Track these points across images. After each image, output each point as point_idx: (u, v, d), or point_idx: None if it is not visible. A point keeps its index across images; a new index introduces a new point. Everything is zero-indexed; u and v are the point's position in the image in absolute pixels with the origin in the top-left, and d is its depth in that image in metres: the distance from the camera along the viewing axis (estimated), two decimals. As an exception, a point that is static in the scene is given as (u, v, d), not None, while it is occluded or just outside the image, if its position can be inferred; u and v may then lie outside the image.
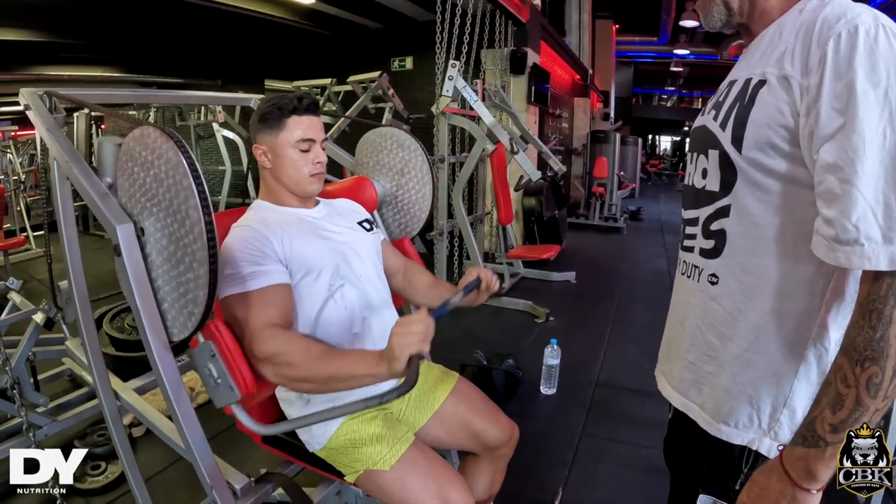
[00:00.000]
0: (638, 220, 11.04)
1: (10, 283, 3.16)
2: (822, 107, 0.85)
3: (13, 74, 8.66)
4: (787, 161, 0.94)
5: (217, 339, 1.26)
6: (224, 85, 10.71)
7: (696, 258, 1.13)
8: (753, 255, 1.01)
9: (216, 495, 1.42)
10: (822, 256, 0.88)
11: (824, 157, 0.85)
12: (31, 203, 8.91)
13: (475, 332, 4.67)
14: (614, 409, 3.39)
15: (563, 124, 10.88)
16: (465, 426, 1.80)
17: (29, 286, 4.09)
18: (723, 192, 1.04)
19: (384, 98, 6.32)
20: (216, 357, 1.26)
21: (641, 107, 26.66)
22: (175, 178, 1.21)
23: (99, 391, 1.70)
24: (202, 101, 6.88)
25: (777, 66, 0.94)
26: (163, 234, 1.28)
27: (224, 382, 1.22)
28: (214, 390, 1.28)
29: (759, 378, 1.04)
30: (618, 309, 5.35)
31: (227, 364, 1.25)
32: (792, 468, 0.90)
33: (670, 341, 1.28)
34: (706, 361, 1.13)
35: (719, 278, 1.07)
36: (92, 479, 2.56)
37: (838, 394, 0.85)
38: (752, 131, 0.96)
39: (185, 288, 1.25)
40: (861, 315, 0.84)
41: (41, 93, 1.60)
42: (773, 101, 0.93)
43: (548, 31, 8.67)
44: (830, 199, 0.85)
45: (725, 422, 1.09)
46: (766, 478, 0.95)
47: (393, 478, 1.52)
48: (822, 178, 0.86)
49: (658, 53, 20.09)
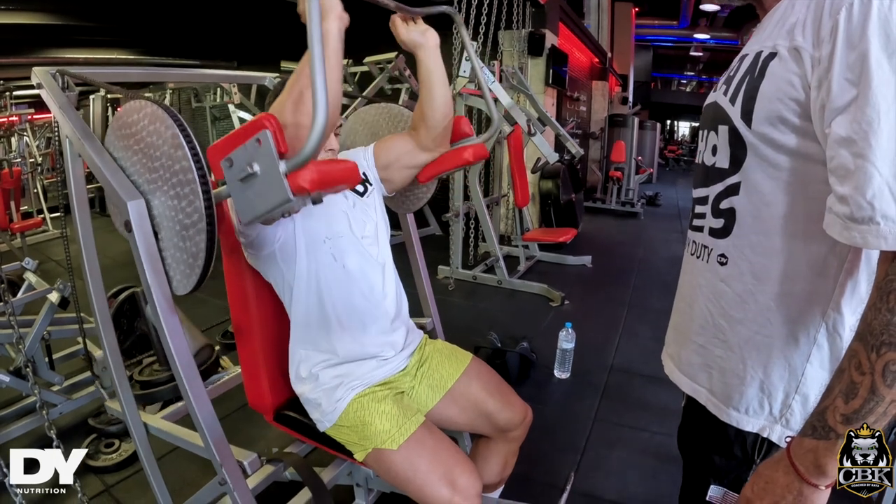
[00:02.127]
0: (655, 205, 10.94)
1: (26, 263, 3.18)
2: (834, 78, 0.81)
3: (29, 58, 8.69)
4: (798, 136, 0.90)
5: (217, 146, 1.09)
6: (240, 66, 10.71)
7: (705, 238, 1.10)
8: (764, 235, 0.98)
9: (225, 472, 1.42)
10: (835, 236, 0.83)
11: (837, 130, 0.81)
12: (47, 185, 8.98)
13: (489, 315, 4.68)
14: (628, 395, 3.37)
15: (580, 107, 10.80)
16: (477, 407, 1.79)
17: (45, 267, 4.12)
18: (732, 168, 1.00)
19: (400, 79, 6.29)
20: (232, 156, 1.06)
21: (660, 91, 26.41)
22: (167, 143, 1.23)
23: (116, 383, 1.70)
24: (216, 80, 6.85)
25: (788, 37, 0.89)
26: (165, 202, 1.29)
27: (255, 154, 1.02)
28: (263, 186, 1.04)
29: (770, 362, 1.01)
30: (633, 294, 5.32)
31: (236, 138, 1.05)
32: (800, 461, 0.85)
33: (678, 324, 1.24)
34: (715, 345, 1.10)
35: (728, 259, 1.04)
36: (105, 457, 2.60)
37: (852, 382, 0.79)
38: (761, 105, 0.93)
39: (188, 242, 1.26)
40: (879, 297, 0.79)
41: (53, 71, 1.59)
42: (784, 73, 0.89)
43: (566, 12, 8.58)
44: (844, 174, 0.80)
45: (735, 407, 1.06)
46: (772, 470, 0.90)
47: (401, 458, 1.52)
48: (834, 152, 0.82)
49: (678, 37, 19.87)
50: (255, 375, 1.76)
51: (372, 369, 1.68)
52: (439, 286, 5.21)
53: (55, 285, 2.74)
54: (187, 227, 1.25)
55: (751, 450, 1.06)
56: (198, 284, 1.28)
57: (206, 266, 1.25)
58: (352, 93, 7.02)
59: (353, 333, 1.65)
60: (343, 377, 1.62)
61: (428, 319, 2.19)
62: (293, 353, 1.69)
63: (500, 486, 1.95)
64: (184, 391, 1.37)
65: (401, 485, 1.55)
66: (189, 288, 1.31)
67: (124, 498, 2.39)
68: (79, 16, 7.85)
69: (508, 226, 6.72)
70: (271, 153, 0.98)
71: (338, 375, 1.62)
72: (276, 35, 9.50)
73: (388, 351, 1.72)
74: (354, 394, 1.61)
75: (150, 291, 1.30)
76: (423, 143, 1.74)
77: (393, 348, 1.74)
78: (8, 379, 2.49)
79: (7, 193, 6.25)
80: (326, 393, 1.62)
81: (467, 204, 5.39)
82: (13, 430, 2.56)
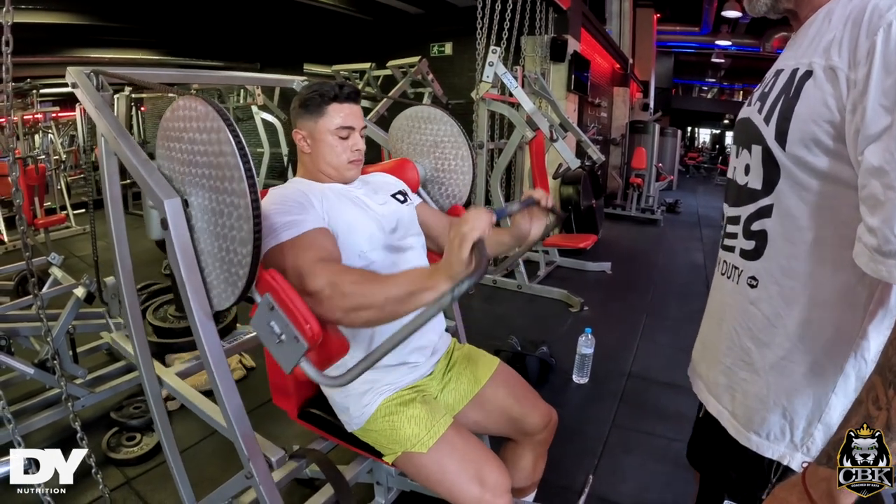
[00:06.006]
0: (675, 212, 10.85)
1: (52, 258, 3.23)
2: (869, 104, 0.78)
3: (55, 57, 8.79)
4: (832, 158, 0.87)
5: (273, 287, 1.20)
6: (263, 68, 10.77)
7: (736, 259, 1.09)
8: (795, 259, 0.96)
9: (252, 466, 1.44)
10: (863, 267, 0.82)
11: (869, 159, 0.79)
12: (71, 182, 9.08)
13: (509, 319, 4.68)
14: (646, 402, 3.36)
15: (601, 113, 10.78)
16: (504, 411, 1.80)
17: (69, 262, 4.18)
18: (765, 190, 0.99)
19: (423, 83, 6.32)
20: (276, 309, 1.18)
21: (681, 98, 26.23)
22: (220, 149, 1.23)
23: (141, 369, 1.72)
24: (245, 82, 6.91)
25: (824, 55, 0.87)
26: (208, 207, 1.29)
27: (288, 335, 1.15)
28: (280, 350, 1.19)
29: (795, 389, 1.01)
30: (652, 301, 5.30)
31: (287, 310, 1.16)
32: (814, 489, 0.84)
33: (706, 342, 1.25)
34: (741, 367, 1.09)
35: (759, 281, 1.03)
36: (127, 450, 2.63)
37: (869, 415, 0.79)
38: (796, 126, 0.90)
39: (229, 259, 1.27)
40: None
41: (88, 71, 1.62)
42: (819, 94, 0.87)
43: (588, 18, 8.57)
44: (874, 205, 0.79)
45: (756, 432, 1.06)
46: (786, 493, 0.89)
47: (431, 460, 1.54)
48: (866, 181, 0.80)
49: (699, 44, 19.74)
50: (281, 373, 1.78)
51: (402, 375, 1.69)
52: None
53: (81, 280, 2.78)
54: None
55: (767, 469, 1.06)
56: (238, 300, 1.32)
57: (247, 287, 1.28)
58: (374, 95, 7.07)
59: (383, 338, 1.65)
60: (372, 382, 1.64)
61: (452, 323, 2.20)
62: None
63: (533, 491, 1.95)
64: (214, 386, 1.38)
65: (431, 485, 1.57)
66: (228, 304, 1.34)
67: (144, 490, 2.42)
68: (104, 16, 7.94)
69: (528, 231, 6.70)
70: (299, 354, 1.15)
71: (367, 381, 1.63)
72: (299, 38, 9.59)
73: (418, 357, 1.73)
74: (383, 398, 1.63)
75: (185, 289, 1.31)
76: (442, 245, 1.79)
77: (422, 354, 1.75)
78: (32, 371, 2.53)
79: (31, 190, 6.32)
80: (355, 398, 1.64)
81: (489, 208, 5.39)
82: (35, 422, 2.59)
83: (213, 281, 1.34)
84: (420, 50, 7.42)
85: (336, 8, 7.66)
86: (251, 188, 1.20)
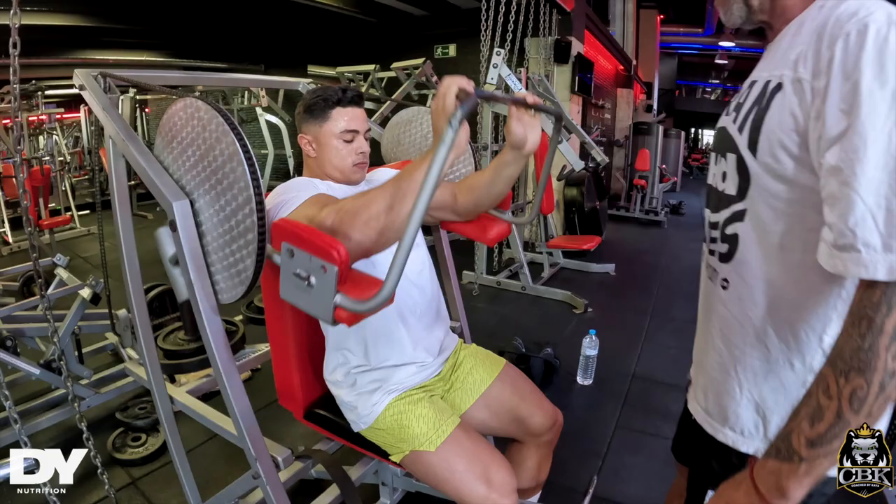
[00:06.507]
0: (679, 214, 10.85)
1: (57, 259, 3.25)
2: (829, 109, 0.82)
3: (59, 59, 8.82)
4: (798, 166, 0.90)
5: (286, 230, 1.13)
6: (267, 70, 10.79)
7: (715, 262, 1.12)
8: (763, 262, 0.99)
9: (260, 466, 1.44)
10: (823, 265, 0.84)
11: (828, 159, 0.82)
12: (75, 183, 9.11)
13: (513, 320, 4.69)
14: (650, 403, 3.36)
15: (605, 115, 10.76)
16: (510, 411, 1.81)
17: (74, 263, 4.20)
18: (739, 196, 1.02)
19: (428, 85, 6.33)
20: (295, 252, 1.09)
21: (685, 99, 26.24)
22: (225, 153, 1.24)
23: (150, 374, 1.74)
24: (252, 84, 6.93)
25: (793, 68, 0.90)
26: (214, 208, 1.31)
27: (315, 270, 1.05)
28: (314, 296, 1.07)
29: (766, 386, 1.03)
30: (656, 303, 5.29)
31: (305, 242, 1.08)
32: (762, 482, 0.86)
33: (696, 343, 1.28)
34: (715, 367, 1.13)
35: (730, 283, 1.06)
36: (132, 451, 2.64)
37: (819, 406, 0.81)
38: (766, 136, 0.94)
39: (235, 257, 1.28)
40: (851, 323, 0.80)
41: (95, 73, 1.63)
42: (788, 105, 0.90)
43: (592, 20, 8.56)
44: (832, 202, 0.81)
45: (732, 428, 1.09)
46: (732, 490, 0.92)
47: (439, 458, 1.55)
48: (825, 181, 0.83)
49: (703, 45, 19.71)
50: (287, 374, 1.78)
51: (410, 375, 1.70)
52: (463, 291, 5.18)
53: (87, 281, 2.79)
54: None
55: (746, 462, 1.06)
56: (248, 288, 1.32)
57: (253, 282, 1.29)
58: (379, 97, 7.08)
59: (390, 338, 1.67)
60: (380, 382, 1.65)
61: (457, 324, 2.21)
62: (329, 357, 1.71)
63: (538, 491, 1.96)
64: (223, 387, 1.39)
65: (438, 485, 1.57)
66: (234, 299, 1.35)
67: (149, 490, 2.43)
68: (109, 18, 7.97)
69: (533, 232, 6.71)
70: (331, 286, 1.02)
71: (375, 380, 1.65)
72: (303, 39, 9.60)
73: (426, 356, 1.74)
74: (391, 398, 1.64)
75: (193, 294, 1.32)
76: (459, 210, 1.76)
77: (430, 353, 1.76)
78: (38, 371, 2.55)
79: (36, 191, 6.35)
80: (363, 397, 1.64)
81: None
82: (41, 422, 2.61)
83: (218, 276, 1.36)
84: (424, 52, 7.43)
85: (340, 10, 7.68)
86: (255, 187, 1.21)
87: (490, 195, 1.67)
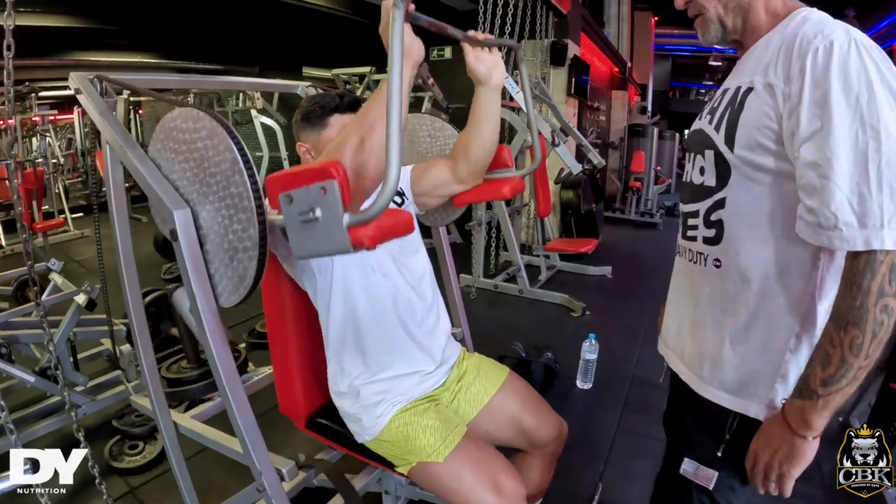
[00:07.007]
0: (674, 216, 10.78)
1: (52, 264, 3.21)
2: (803, 111, 0.99)
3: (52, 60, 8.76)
4: (774, 157, 1.08)
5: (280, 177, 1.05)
6: (262, 72, 10.74)
7: (700, 246, 1.26)
8: (749, 241, 1.15)
9: (265, 480, 1.42)
10: (808, 239, 1.02)
11: (805, 155, 0.99)
12: (68, 185, 9.05)
13: (511, 324, 4.71)
14: (650, 406, 3.32)
15: (600, 117, 10.77)
16: (514, 422, 1.80)
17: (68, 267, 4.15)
18: (719, 186, 1.18)
19: (424, 87, 6.29)
20: (293, 196, 1.02)
21: (678, 101, 26.28)
22: (225, 162, 1.24)
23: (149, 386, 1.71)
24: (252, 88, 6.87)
25: (763, 75, 1.09)
26: (214, 216, 1.29)
27: (316, 198, 0.98)
28: (322, 231, 1.00)
29: (757, 349, 1.18)
30: (653, 306, 5.20)
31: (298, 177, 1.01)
32: (791, 418, 1.06)
33: (676, 323, 1.42)
34: (713, 335, 1.25)
35: (722, 262, 1.21)
36: (130, 459, 2.61)
37: (826, 353, 1.01)
38: (742, 132, 1.11)
39: (235, 263, 1.27)
40: (844, 287, 0.99)
41: (92, 77, 1.60)
42: (760, 105, 1.08)
43: (588, 22, 8.56)
44: (811, 191, 0.99)
45: (723, 387, 1.23)
46: (770, 425, 1.12)
47: (447, 469, 1.53)
48: (803, 172, 1.00)
49: (697, 47, 19.79)
50: (289, 384, 1.76)
51: (414, 385, 1.68)
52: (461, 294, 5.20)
53: (83, 287, 2.76)
54: (238, 249, 1.26)
55: (722, 426, 1.23)
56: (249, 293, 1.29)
57: (253, 288, 1.27)
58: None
59: (390, 345, 1.65)
60: (384, 393, 1.63)
61: (458, 330, 2.18)
62: (331, 365, 1.69)
63: (539, 499, 1.95)
64: (226, 399, 1.37)
65: (447, 495, 1.56)
66: (233, 303, 1.33)
67: (149, 499, 2.41)
68: (102, 19, 7.91)
69: (529, 235, 6.70)
70: (336, 204, 0.97)
71: (379, 392, 1.63)
72: (298, 41, 9.56)
73: (429, 364, 1.72)
74: (396, 409, 1.62)
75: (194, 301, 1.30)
76: (460, 176, 1.73)
77: (433, 360, 1.74)
78: (33, 379, 2.51)
79: (30, 193, 6.30)
80: (367, 409, 1.62)
81: (490, 213, 5.40)
82: (38, 430, 2.57)
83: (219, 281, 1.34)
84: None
85: (334, 11, 7.64)
86: (255, 194, 1.20)
87: (481, 143, 1.64)
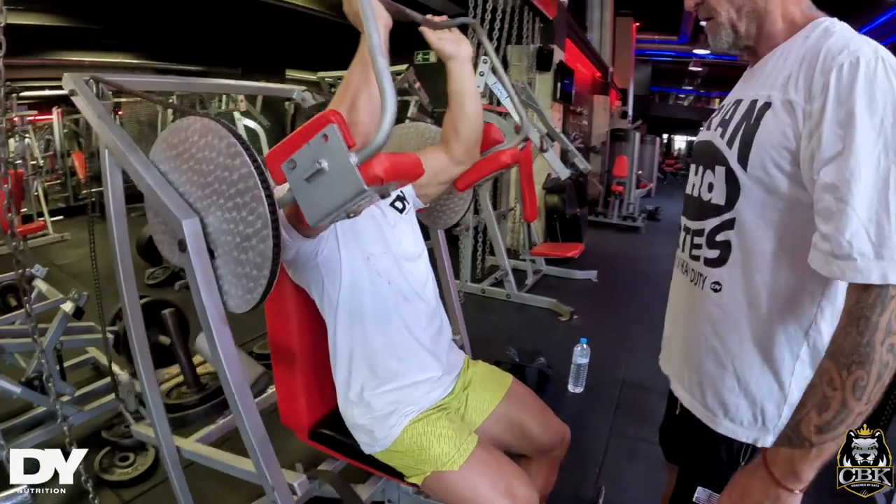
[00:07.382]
0: (655, 219, 10.97)
1: (36, 270, 3.16)
2: (825, 131, 0.91)
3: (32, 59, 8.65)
4: (789, 180, 1.01)
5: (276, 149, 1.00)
6: (245, 73, 10.69)
7: (700, 266, 1.20)
8: (755, 266, 1.09)
9: (277, 496, 1.40)
10: (819, 269, 0.93)
11: (824, 177, 0.91)
12: (47, 188, 8.90)
13: (501, 328, 4.72)
14: (642, 409, 3.38)
15: (583, 122, 10.82)
16: (519, 429, 1.81)
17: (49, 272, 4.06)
18: (728, 206, 1.11)
19: (410, 91, 6.27)
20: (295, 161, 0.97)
21: (658, 105, 26.56)
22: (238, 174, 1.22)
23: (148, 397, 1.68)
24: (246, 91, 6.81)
25: (782, 90, 1.01)
26: (225, 226, 1.26)
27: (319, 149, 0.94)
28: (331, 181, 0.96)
29: (760, 378, 1.13)
30: (639, 308, 5.32)
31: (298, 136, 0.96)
32: (776, 468, 0.96)
33: (678, 342, 1.38)
34: (711, 364, 1.20)
35: (722, 286, 1.15)
36: (121, 471, 2.54)
37: (824, 396, 0.90)
38: (757, 151, 1.04)
39: (249, 259, 1.24)
40: (849, 322, 0.89)
41: (87, 78, 1.56)
42: (778, 124, 1.00)
43: (572, 27, 8.60)
44: (827, 216, 0.91)
45: (731, 419, 1.18)
46: (748, 478, 1.01)
47: (462, 477, 1.53)
48: (820, 196, 0.92)
49: (677, 52, 20.02)
50: (292, 395, 1.73)
51: (425, 393, 1.66)
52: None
53: (70, 294, 2.69)
54: (249, 236, 1.22)
55: (737, 454, 1.18)
56: (262, 297, 1.25)
57: (272, 275, 1.22)
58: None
59: (397, 351, 1.63)
60: (396, 403, 1.61)
61: (458, 336, 2.17)
62: (339, 373, 1.66)
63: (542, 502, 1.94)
64: (238, 418, 1.35)
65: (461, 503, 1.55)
66: (252, 303, 1.28)
67: (142, 513, 2.35)
68: (84, 18, 7.84)
69: (514, 239, 6.71)
70: (341, 146, 0.93)
71: (391, 402, 1.60)
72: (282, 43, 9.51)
73: (437, 369, 1.71)
74: (409, 420, 1.60)
75: (204, 315, 1.27)
76: (456, 157, 1.73)
77: (440, 365, 1.73)
78: (19, 390, 2.44)
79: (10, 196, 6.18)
80: (379, 420, 1.60)
81: (477, 218, 5.39)
82: (25, 441, 2.50)
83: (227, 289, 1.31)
84: (404, 58, 7.37)
85: (318, 13, 7.60)
86: (270, 207, 1.18)
87: (467, 117, 1.68)
